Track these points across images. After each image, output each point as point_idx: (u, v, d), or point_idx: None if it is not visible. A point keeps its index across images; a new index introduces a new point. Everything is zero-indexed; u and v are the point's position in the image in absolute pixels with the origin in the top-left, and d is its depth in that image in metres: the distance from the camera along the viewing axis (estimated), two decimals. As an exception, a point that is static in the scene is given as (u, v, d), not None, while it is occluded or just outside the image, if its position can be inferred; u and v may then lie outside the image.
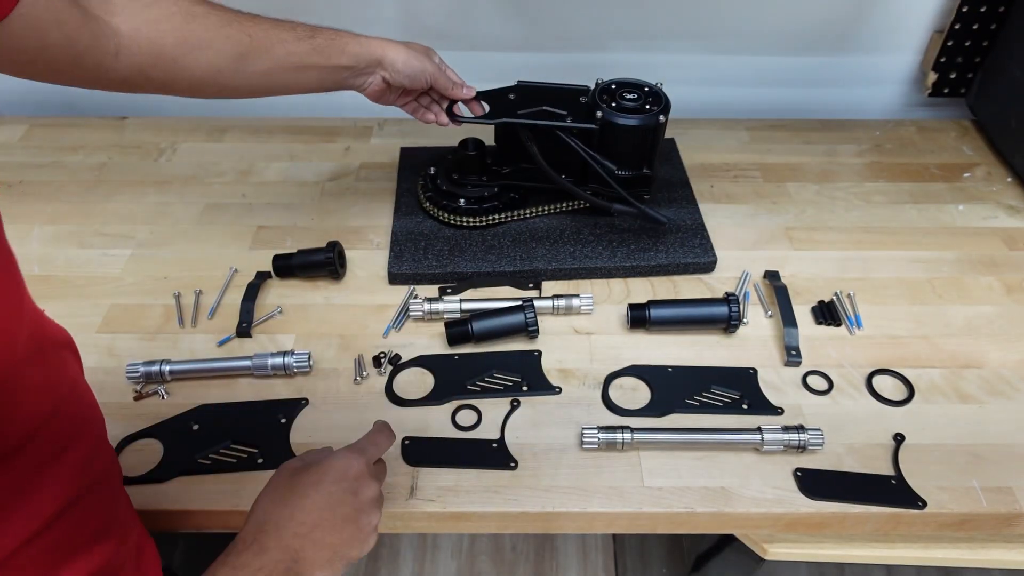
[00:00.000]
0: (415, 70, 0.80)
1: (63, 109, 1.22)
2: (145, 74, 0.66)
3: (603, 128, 0.86)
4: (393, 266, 0.89)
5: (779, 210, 1.01)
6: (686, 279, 0.91)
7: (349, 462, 0.57)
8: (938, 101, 1.20)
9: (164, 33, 0.65)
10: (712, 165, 1.08)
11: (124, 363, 0.78)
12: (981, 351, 0.82)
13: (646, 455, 0.72)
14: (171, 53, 0.66)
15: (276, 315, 0.86)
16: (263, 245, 0.95)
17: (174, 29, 0.66)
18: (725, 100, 1.21)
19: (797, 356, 0.80)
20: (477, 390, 0.78)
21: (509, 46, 1.15)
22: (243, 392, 0.77)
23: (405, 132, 1.14)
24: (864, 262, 0.93)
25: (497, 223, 0.94)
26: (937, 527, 0.70)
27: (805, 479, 0.70)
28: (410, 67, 0.79)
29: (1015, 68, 1.04)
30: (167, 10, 0.66)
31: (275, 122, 1.16)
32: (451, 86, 0.84)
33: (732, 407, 0.76)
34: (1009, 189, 1.05)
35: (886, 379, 0.79)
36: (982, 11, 1.07)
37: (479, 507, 0.68)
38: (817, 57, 1.17)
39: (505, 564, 1.48)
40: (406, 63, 0.79)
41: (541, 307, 0.84)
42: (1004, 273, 0.92)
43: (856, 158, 1.11)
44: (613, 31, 1.13)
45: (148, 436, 0.73)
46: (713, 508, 0.68)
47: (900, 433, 0.74)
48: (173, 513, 0.68)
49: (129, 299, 0.88)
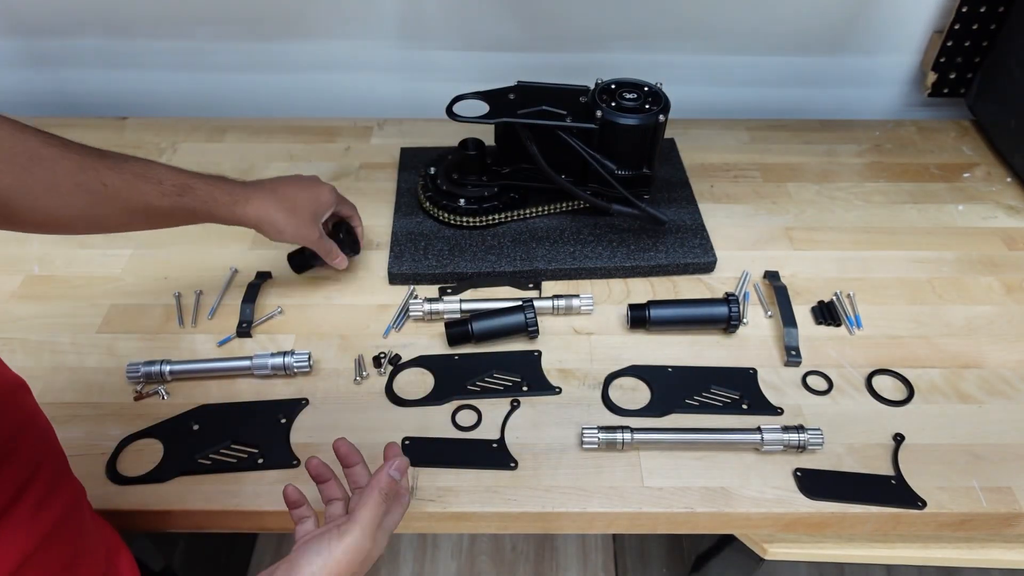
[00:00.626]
0: (289, 241, 0.79)
1: (63, 109, 1.22)
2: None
3: (603, 128, 0.86)
4: (393, 266, 0.89)
5: (779, 210, 1.01)
6: (686, 279, 0.91)
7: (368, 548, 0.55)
8: (938, 101, 1.20)
9: (1, 174, 0.59)
10: (712, 165, 1.08)
11: (124, 363, 0.78)
12: (981, 351, 0.82)
13: (646, 455, 0.72)
14: (7, 197, 0.59)
15: (276, 315, 0.86)
16: (263, 245, 0.95)
17: (13, 173, 0.59)
18: (725, 100, 1.21)
19: (797, 356, 0.80)
20: (477, 390, 0.78)
21: (509, 46, 1.15)
22: (243, 392, 0.77)
23: (405, 132, 1.14)
24: (864, 262, 0.93)
25: (497, 223, 0.94)
26: (937, 527, 0.70)
27: (805, 479, 0.70)
28: (283, 238, 0.78)
29: (1015, 68, 1.04)
30: (10, 150, 0.59)
31: (275, 122, 1.16)
32: (327, 255, 0.83)
33: (732, 407, 0.76)
34: (1009, 189, 1.05)
35: (886, 379, 0.79)
36: (982, 11, 1.07)
37: (479, 507, 0.68)
38: (817, 57, 1.17)
39: (505, 564, 1.48)
40: (278, 236, 0.77)
41: (541, 307, 0.84)
42: (1004, 273, 0.92)
43: (856, 158, 1.11)
44: (613, 31, 1.13)
45: (148, 436, 0.73)
46: (713, 508, 0.68)
47: (900, 433, 0.74)
48: (173, 513, 0.68)
49: (129, 299, 0.88)
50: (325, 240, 0.82)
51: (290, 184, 0.80)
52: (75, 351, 0.81)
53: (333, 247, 0.83)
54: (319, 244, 0.81)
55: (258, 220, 0.75)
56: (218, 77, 1.20)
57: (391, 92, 1.21)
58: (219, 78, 1.20)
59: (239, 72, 1.19)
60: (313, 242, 0.80)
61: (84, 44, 1.16)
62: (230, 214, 0.73)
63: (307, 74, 1.19)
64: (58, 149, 0.62)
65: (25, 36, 1.16)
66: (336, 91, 1.21)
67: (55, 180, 0.61)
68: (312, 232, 0.80)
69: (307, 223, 0.79)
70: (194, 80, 1.20)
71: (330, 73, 1.19)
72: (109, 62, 1.18)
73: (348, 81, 1.20)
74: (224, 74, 1.20)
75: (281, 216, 0.76)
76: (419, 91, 1.20)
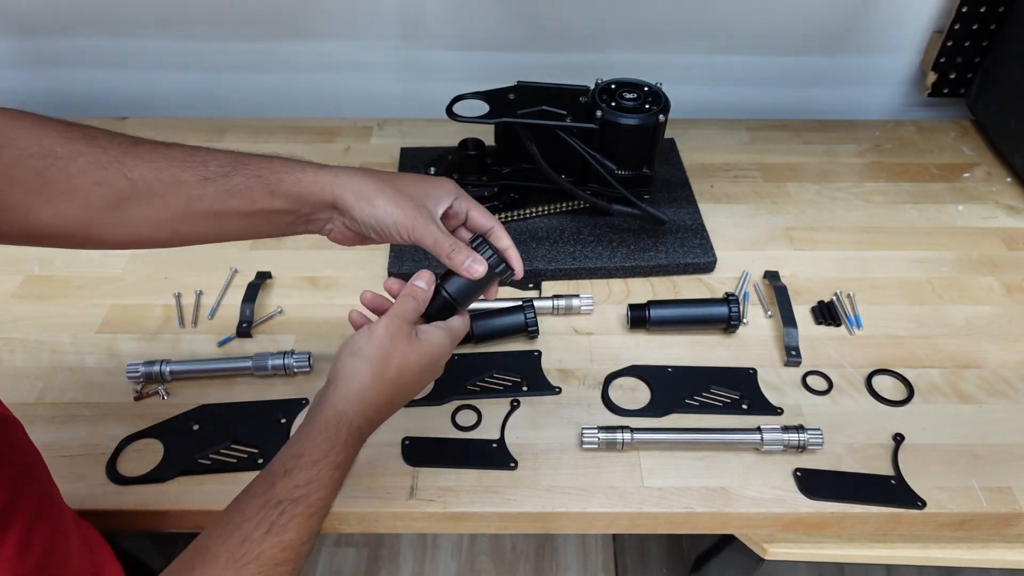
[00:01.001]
0: (383, 222, 0.57)
1: (63, 109, 1.23)
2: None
3: (603, 128, 0.86)
4: (393, 266, 0.89)
5: (779, 210, 1.01)
6: (686, 279, 0.91)
7: (449, 346, 0.60)
8: (938, 101, 1.20)
9: (14, 182, 0.52)
10: (712, 165, 1.08)
11: (124, 363, 0.78)
12: (981, 351, 0.82)
13: (646, 455, 0.72)
14: (21, 203, 0.52)
15: (276, 315, 0.86)
16: (263, 245, 0.95)
17: (27, 178, 0.52)
18: (725, 100, 1.21)
19: (797, 356, 0.80)
20: (477, 390, 0.78)
21: (509, 46, 1.15)
22: (243, 392, 0.77)
23: (405, 132, 1.14)
24: (864, 262, 0.93)
25: (497, 223, 0.94)
26: (937, 527, 0.70)
27: (805, 479, 0.70)
28: (377, 218, 0.57)
29: (1015, 68, 1.04)
30: (23, 151, 0.52)
31: (275, 122, 1.16)
32: (448, 252, 0.59)
33: (732, 407, 0.76)
34: (1009, 189, 1.05)
35: (886, 379, 0.79)
36: (982, 11, 1.07)
37: (479, 507, 0.68)
38: (817, 57, 1.17)
39: (505, 564, 1.48)
40: (370, 213, 0.57)
41: (541, 307, 0.84)
42: (1004, 273, 0.92)
43: (856, 158, 1.11)
44: (613, 31, 1.13)
45: (148, 436, 0.73)
46: (713, 508, 0.68)
47: (900, 433, 0.74)
48: (173, 513, 0.68)
49: (129, 299, 0.88)
50: (440, 229, 0.60)
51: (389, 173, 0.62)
52: (75, 351, 0.81)
53: (456, 242, 0.60)
54: (427, 229, 0.58)
55: (335, 185, 0.57)
56: (218, 77, 1.20)
57: (391, 92, 1.21)
58: (219, 78, 1.20)
59: (239, 72, 1.19)
60: (419, 225, 0.58)
61: (84, 44, 1.16)
62: (298, 183, 0.57)
63: (307, 74, 1.19)
64: (80, 143, 0.54)
65: (25, 36, 1.16)
66: (336, 91, 1.21)
67: (73, 182, 0.53)
68: (418, 212, 0.58)
69: (410, 200, 0.59)
70: (194, 80, 1.20)
71: (330, 73, 1.19)
72: (109, 62, 1.18)
73: (348, 81, 1.20)
74: (224, 74, 1.20)
75: (372, 183, 0.58)
76: (419, 91, 1.20)
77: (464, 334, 0.63)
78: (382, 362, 0.56)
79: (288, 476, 0.52)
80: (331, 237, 0.62)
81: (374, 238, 0.60)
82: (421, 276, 0.61)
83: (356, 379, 0.56)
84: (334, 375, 0.57)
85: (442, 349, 0.60)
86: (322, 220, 0.60)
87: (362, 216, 0.58)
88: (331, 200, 0.58)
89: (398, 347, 0.57)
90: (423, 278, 0.60)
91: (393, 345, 0.57)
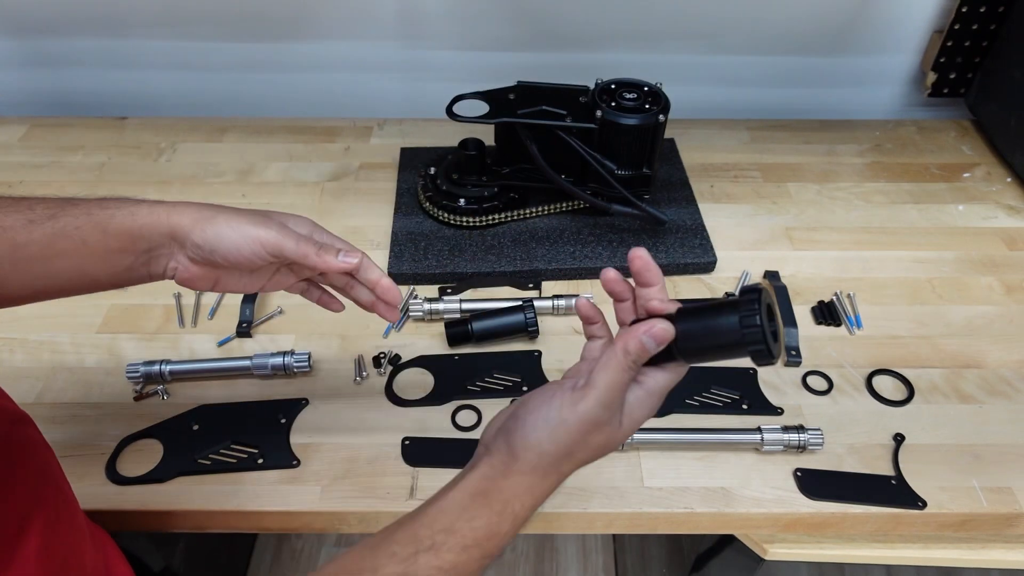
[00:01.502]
0: (227, 238, 0.52)
1: (63, 109, 1.22)
2: None
3: (603, 127, 0.86)
4: (393, 266, 0.89)
5: (779, 210, 1.01)
6: (686, 279, 0.91)
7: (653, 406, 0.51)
8: (938, 101, 1.20)
9: None
10: (712, 165, 1.08)
11: (124, 363, 0.78)
12: (981, 351, 0.82)
13: (646, 455, 0.72)
14: None
15: (276, 315, 0.86)
16: (263, 245, 0.95)
17: None
18: (725, 100, 1.21)
19: (797, 356, 0.80)
20: (477, 390, 0.78)
21: (509, 46, 1.15)
22: (243, 392, 0.77)
23: (405, 132, 1.14)
24: (864, 262, 0.93)
25: (497, 223, 0.94)
26: (937, 527, 0.70)
27: (805, 479, 0.70)
28: (219, 235, 0.52)
29: (1015, 68, 1.04)
30: None
31: (275, 122, 1.16)
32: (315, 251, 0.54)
33: (732, 407, 0.76)
34: (1009, 189, 1.05)
35: (886, 379, 0.79)
36: (982, 11, 1.07)
37: (479, 507, 0.68)
38: (817, 57, 1.17)
39: (505, 564, 1.48)
40: (212, 232, 0.52)
41: (541, 307, 0.84)
42: (1004, 273, 0.92)
43: (856, 158, 1.11)
44: (613, 31, 1.13)
45: (148, 436, 0.73)
46: (713, 508, 0.68)
47: (900, 433, 0.74)
48: (173, 513, 0.68)
49: (129, 299, 0.88)
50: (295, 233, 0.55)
51: None
52: (75, 351, 0.81)
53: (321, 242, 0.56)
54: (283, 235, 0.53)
55: (175, 214, 0.52)
56: (218, 77, 1.20)
57: (391, 92, 1.21)
58: (219, 78, 1.20)
59: (239, 72, 1.19)
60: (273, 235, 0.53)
61: (84, 44, 1.16)
62: (130, 218, 0.51)
63: (307, 74, 1.19)
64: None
65: (25, 36, 1.16)
66: (336, 91, 1.21)
67: None
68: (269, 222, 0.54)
69: (254, 214, 0.54)
70: (194, 80, 1.20)
71: (330, 73, 1.19)
72: (109, 62, 1.18)
73: (348, 81, 1.20)
74: (224, 74, 1.20)
75: (211, 208, 0.53)
76: (419, 91, 1.20)
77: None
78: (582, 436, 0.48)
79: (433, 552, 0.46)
80: (177, 279, 0.55)
81: (223, 264, 0.53)
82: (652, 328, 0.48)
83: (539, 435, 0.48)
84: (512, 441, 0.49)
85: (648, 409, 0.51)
86: (164, 257, 0.54)
87: (203, 238, 0.51)
88: (168, 230, 0.52)
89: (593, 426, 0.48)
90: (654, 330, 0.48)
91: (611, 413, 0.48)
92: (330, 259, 0.54)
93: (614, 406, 0.48)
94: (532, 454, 0.48)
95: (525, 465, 0.48)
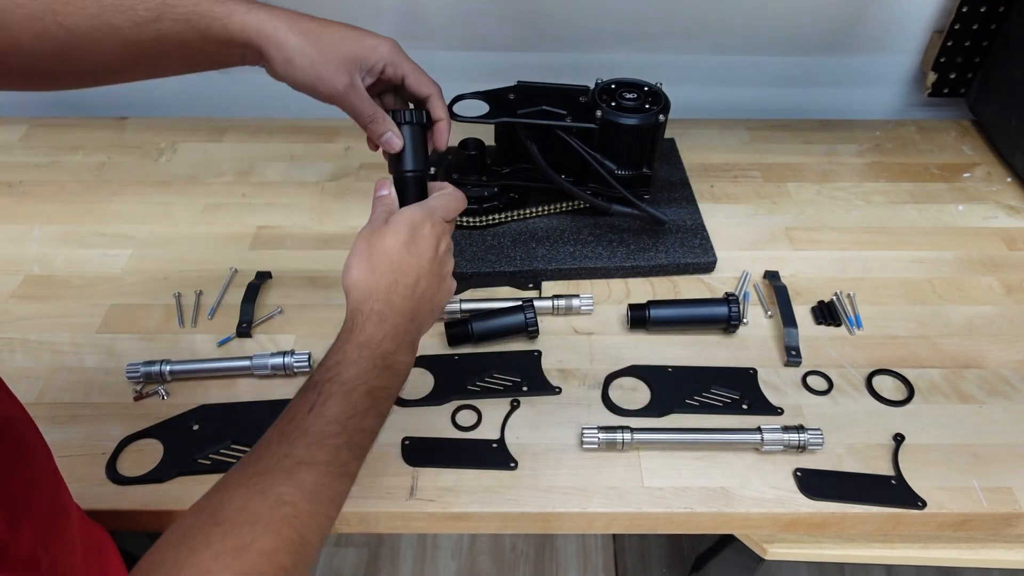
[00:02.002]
0: (301, 83, 0.59)
1: (63, 109, 1.22)
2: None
3: (603, 127, 0.86)
4: (393, 266, 0.89)
5: (779, 210, 1.01)
6: (686, 279, 0.91)
7: (422, 219, 0.60)
8: (938, 101, 1.20)
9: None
10: (712, 165, 1.08)
11: (124, 363, 0.78)
12: (981, 351, 0.82)
13: (646, 455, 0.72)
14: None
15: (276, 315, 0.86)
16: (263, 245, 0.95)
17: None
18: (725, 100, 1.21)
19: (797, 356, 0.80)
20: (477, 390, 0.78)
21: (509, 46, 1.15)
22: (243, 392, 0.77)
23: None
24: (864, 262, 0.93)
25: (497, 223, 0.94)
26: (937, 527, 0.70)
27: (805, 479, 0.70)
28: (295, 79, 0.59)
29: (1015, 68, 1.04)
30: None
31: (275, 122, 1.16)
32: (367, 122, 0.62)
33: (732, 407, 0.76)
34: (1009, 189, 1.05)
35: (886, 379, 0.79)
36: (982, 11, 1.07)
37: (479, 507, 0.68)
38: (817, 57, 1.17)
39: (505, 564, 1.48)
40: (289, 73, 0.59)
41: (541, 307, 0.84)
42: (1004, 273, 0.92)
43: (856, 158, 1.11)
44: (613, 31, 1.13)
45: (148, 436, 0.73)
46: (713, 508, 0.68)
47: (900, 433, 0.74)
48: (173, 513, 0.68)
49: (129, 299, 0.88)
50: (360, 96, 0.60)
51: (324, 20, 0.61)
52: (75, 351, 0.81)
53: (377, 111, 0.61)
54: (347, 97, 0.60)
55: (258, 35, 0.57)
56: (218, 77, 1.19)
57: (391, 92, 1.21)
58: (219, 78, 1.20)
59: (239, 72, 1.19)
60: (338, 92, 0.59)
61: (84, 44, 1.16)
62: (222, 30, 0.57)
63: (307, 74, 1.19)
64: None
65: (25, 36, 1.16)
66: (336, 91, 1.21)
67: (13, 36, 0.54)
68: (338, 76, 0.59)
69: (334, 62, 0.59)
70: (194, 80, 1.19)
71: (330, 73, 1.18)
72: (109, 62, 1.18)
73: (348, 81, 1.19)
74: (224, 74, 1.19)
75: (293, 38, 0.57)
76: (419, 91, 1.20)
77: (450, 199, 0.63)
78: (367, 254, 0.58)
79: (319, 366, 0.55)
80: (269, 73, 0.62)
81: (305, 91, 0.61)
82: (380, 186, 0.63)
83: (348, 279, 0.58)
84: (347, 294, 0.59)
85: (418, 217, 0.60)
86: (252, 60, 0.61)
87: (282, 74, 0.59)
88: (257, 49, 0.58)
89: (375, 239, 0.59)
90: (383, 187, 0.63)
91: (370, 241, 0.59)
92: (374, 135, 0.63)
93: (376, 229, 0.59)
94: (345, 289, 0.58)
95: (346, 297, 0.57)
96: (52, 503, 0.52)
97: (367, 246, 0.59)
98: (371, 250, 0.58)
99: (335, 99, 0.60)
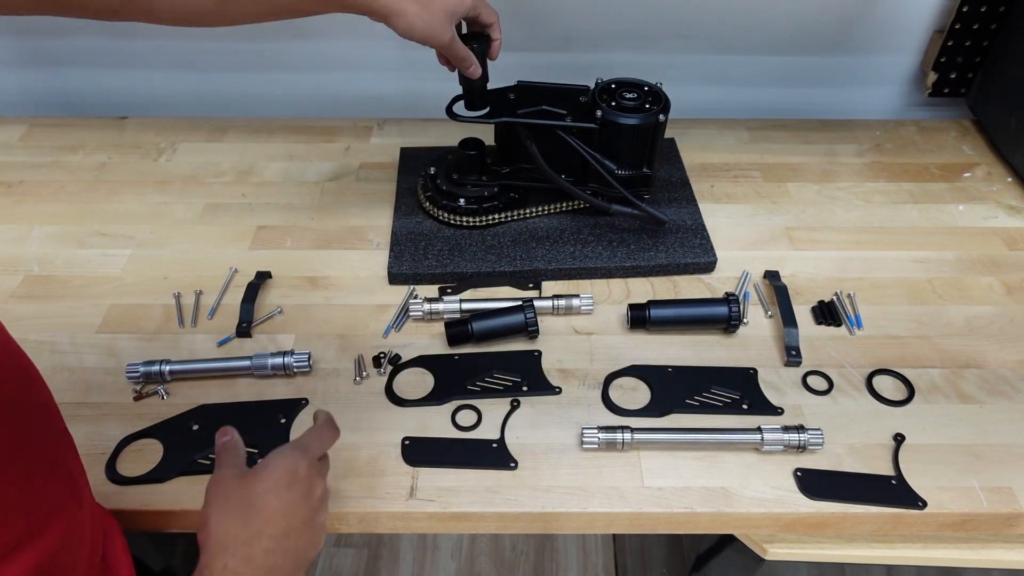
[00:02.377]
0: (417, 38, 0.72)
1: (63, 109, 1.22)
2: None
3: (603, 127, 0.86)
4: (393, 266, 0.89)
5: (779, 210, 1.01)
6: (686, 279, 0.91)
7: (297, 462, 0.56)
8: (938, 101, 1.20)
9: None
10: (712, 165, 1.08)
11: (124, 363, 0.78)
12: (981, 351, 0.82)
13: (646, 455, 0.72)
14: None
15: (276, 315, 0.86)
16: (263, 245, 0.95)
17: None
18: (725, 100, 1.21)
19: (797, 356, 0.80)
20: (477, 390, 0.78)
21: (509, 46, 1.14)
22: (243, 392, 0.77)
23: (405, 132, 1.14)
24: (864, 262, 0.93)
25: (497, 223, 0.94)
26: (937, 527, 0.70)
27: (805, 479, 0.70)
28: (411, 34, 0.71)
29: (1015, 68, 1.04)
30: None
31: (275, 122, 1.16)
32: (461, 63, 0.79)
33: (732, 407, 0.76)
34: (1009, 189, 1.05)
35: (886, 379, 0.79)
36: (982, 11, 1.07)
37: (479, 507, 0.68)
38: (817, 57, 1.17)
39: (505, 564, 1.48)
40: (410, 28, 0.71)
41: (541, 307, 0.84)
42: (1004, 273, 0.92)
43: (856, 158, 1.11)
44: (613, 31, 1.13)
45: (148, 436, 0.73)
46: (713, 508, 0.68)
47: (900, 433, 0.74)
48: (173, 513, 0.68)
49: (129, 299, 0.88)
50: (458, 44, 0.76)
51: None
52: (75, 351, 0.81)
53: (468, 54, 0.78)
54: (451, 47, 0.75)
55: (387, 8, 0.70)
56: (218, 77, 1.20)
57: (391, 92, 1.21)
58: (219, 78, 1.20)
59: (239, 72, 1.19)
60: (444, 44, 0.74)
61: (84, 44, 1.16)
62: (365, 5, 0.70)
63: (307, 74, 1.19)
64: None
65: (25, 36, 1.16)
66: (336, 91, 1.21)
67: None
68: (444, 32, 0.73)
69: (440, 20, 0.72)
70: (194, 80, 1.20)
71: (330, 73, 1.19)
72: (109, 62, 1.18)
73: (348, 81, 1.19)
74: (224, 74, 1.20)
75: (411, 6, 0.70)
76: (419, 91, 1.20)
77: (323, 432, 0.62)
78: (227, 501, 0.54)
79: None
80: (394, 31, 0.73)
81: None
82: (223, 433, 0.60)
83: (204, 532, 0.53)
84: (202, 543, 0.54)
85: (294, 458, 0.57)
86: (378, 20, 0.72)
87: (405, 35, 0.71)
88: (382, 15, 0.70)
89: (240, 484, 0.55)
90: (225, 433, 0.60)
91: (234, 486, 0.55)
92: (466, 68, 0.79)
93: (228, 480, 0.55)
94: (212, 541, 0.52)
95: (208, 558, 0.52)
96: (70, 490, 0.53)
97: (228, 491, 0.54)
98: (233, 496, 0.54)
99: (441, 48, 0.75)
